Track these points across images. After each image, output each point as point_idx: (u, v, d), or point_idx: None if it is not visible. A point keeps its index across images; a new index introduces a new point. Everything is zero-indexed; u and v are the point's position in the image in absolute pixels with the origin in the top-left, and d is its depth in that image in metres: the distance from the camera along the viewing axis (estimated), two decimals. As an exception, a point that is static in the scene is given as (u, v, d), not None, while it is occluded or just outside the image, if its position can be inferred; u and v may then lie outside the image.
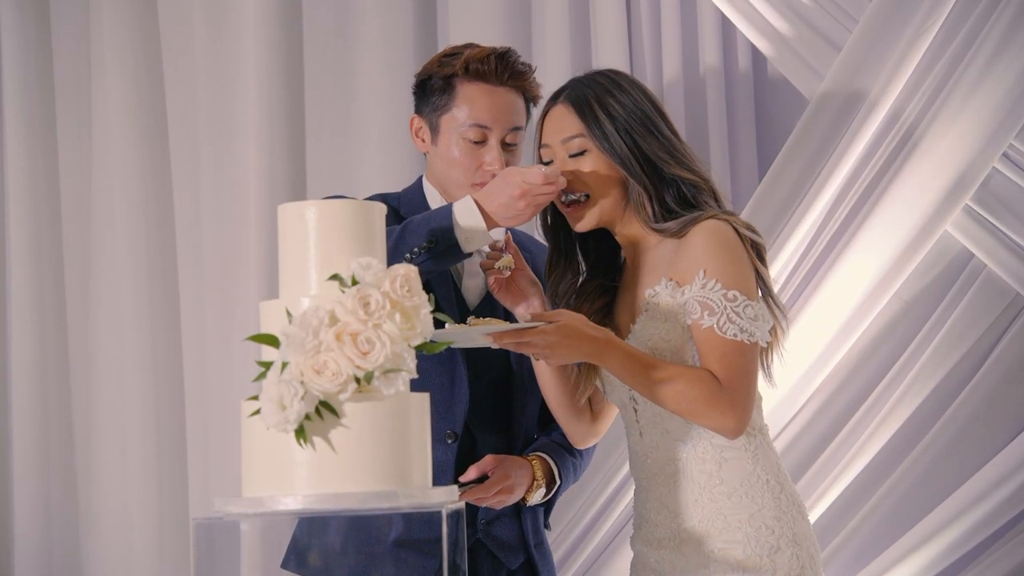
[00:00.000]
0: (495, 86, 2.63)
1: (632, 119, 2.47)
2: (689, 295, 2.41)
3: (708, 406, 2.38)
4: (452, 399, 2.61)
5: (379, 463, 1.87)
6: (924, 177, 3.10)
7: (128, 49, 3.83)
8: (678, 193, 2.48)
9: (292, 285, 1.98)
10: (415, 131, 2.71)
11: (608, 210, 2.51)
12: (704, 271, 2.40)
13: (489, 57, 2.62)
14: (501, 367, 2.68)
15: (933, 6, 3.09)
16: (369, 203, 2.03)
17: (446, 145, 2.64)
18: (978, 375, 3.16)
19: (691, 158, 2.50)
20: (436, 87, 2.64)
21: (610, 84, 2.52)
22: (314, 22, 3.73)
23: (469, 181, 2.63)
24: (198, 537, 1.93)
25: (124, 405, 3.80)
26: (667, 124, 2.51)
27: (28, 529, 3.83)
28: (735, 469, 2.45)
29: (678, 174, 2.47)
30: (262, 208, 3.64)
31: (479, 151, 2.62)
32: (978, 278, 3.17)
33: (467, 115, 2.62)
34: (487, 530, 2.65)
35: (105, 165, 3.84)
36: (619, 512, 3.30)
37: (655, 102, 2.53)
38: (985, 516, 3.10)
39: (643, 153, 2.46)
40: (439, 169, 2.68)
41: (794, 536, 2.44)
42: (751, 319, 2.39)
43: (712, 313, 2.39)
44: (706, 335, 2.39)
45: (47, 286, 3.91)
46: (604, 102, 2.49)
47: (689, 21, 3.43)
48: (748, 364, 2.40)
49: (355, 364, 1.85)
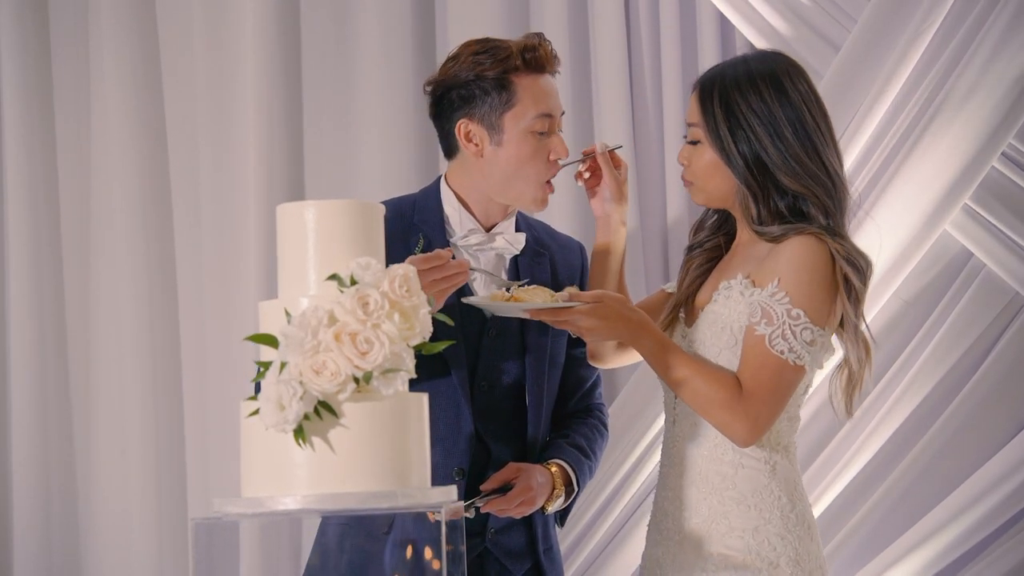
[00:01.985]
0: (544, 73, 2.61)
1: (753, 120, 2.42)
2: (756, 298, 2.40)
3: (722, 409, 2.38)
4: (457, 435, 2.60)
5: (378, 463, 1.87)
6: (923, 176, 3.11)
7: (127, 50, 3.83)
8: (790, 202, 2.43)
9: (291, 285, 1.98)
10: (465, 136, 2.59)
11: (716, 198, 2.52)
12: (779, 280, 2.38)
13: (539, 47, 2.58)
14: (513, 376, 2.65)
15: (932, 6, 3.09)
16: (368, 203, 2.03)
17: (513, 143, 2.58)
18: (977, 374, 3.17)
19: (810, 169, 2.41)
20: (488, 87, 2.56)
21: (745, 77, 2.44)
22: (312, 23, 3.72)
23: (544, 178, 2.60)
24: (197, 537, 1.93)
25: (123, 405, 3.80)
26: (799, 129, 2.41)
27: (28, 529, 3.83)
28: (750, 479, 2.44)
29: (787, 184, 2.42)
30: (261, 208, 3.64)
31: (544, 142, 2.59)
32: (977, 277, 3.18)
33: (533, 107, 2.57)
34: (496, 539, 2.63)
35: (104, 166, 3.84)
36: (621, 508, 3.30)
37: (793, 103, 2.42)
38: (984, 515, 3.11)
39: (756, 157, 2.42)
40: (499, 171, 2.60)
41: (796, 556, 2.42)
42: (806, 343, 2.37)
43: (770, 323, 2.37)
44: (755, 342, 2.38)
45: (46, 287, 3.91)
46: (728, 97, 2.44)
47: (688, 21, 3.43)
48: (781, 383, 2.38)
49: (354, 364, 1.85)
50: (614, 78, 3.40)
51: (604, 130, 3.41)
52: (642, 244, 3.42)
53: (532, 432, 2.65)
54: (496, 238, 2.65)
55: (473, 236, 2.63)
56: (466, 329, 2.56)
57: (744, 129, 2.42)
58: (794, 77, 2.45)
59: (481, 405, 2.62)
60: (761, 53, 2.56)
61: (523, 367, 2.65)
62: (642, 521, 3.27)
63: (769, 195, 2.43)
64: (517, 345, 2.64)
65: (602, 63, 3.41)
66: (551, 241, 2.78)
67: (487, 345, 2.62)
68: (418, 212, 2.65)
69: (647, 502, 3.27)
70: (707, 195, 2.53)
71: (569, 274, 2.75)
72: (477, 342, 2.61)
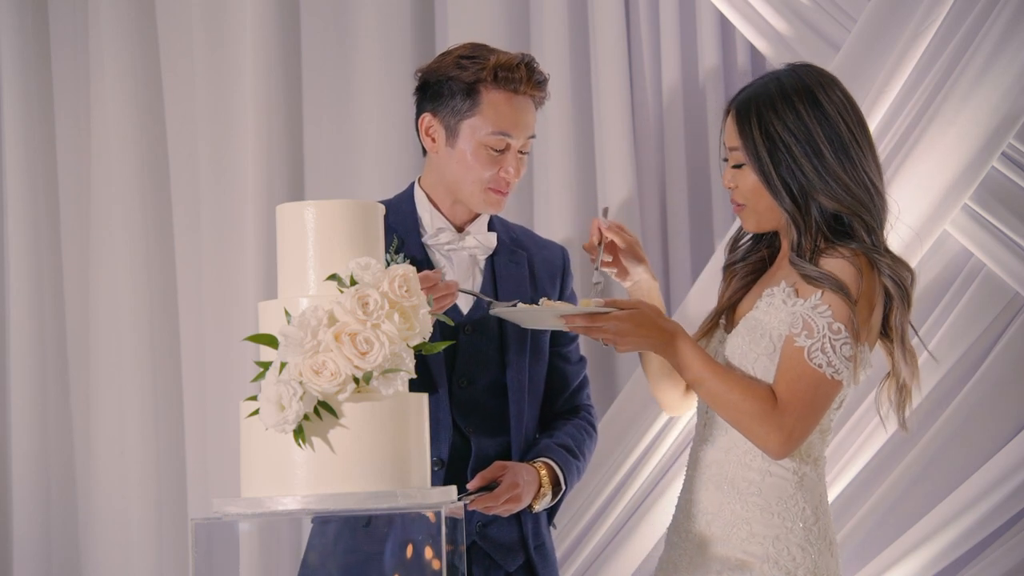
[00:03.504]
0: (518, 95, 2.61)
1: (790, 139, 2.42)
2: (798, 308, 2.40)
3: (756, 422, 2.38)
4: (436, 426, 2.59)
5: (378, 463, 1.87)
6: (923, 176, 3.10)
7: (127, 50, 3.82)
8: (831, 221, 2.43)
9: (291, 285, 1.99)
10: (424, 129, 2.66)
11: (766, 221, 2.51)
12: (822, 293, 2.38)
13: (519, 66, 2.59)
14: (494, 373, 2.67)
15: (932, 6, 3.09)
16: (368, 203, 2.03)
17: (463, 149, 2.61)
18: (977, 374, 3.17)
19: (849, 187, 2.41)
20: (457, 90, 2.60)
21: (779, 95, 2.44)
22: (312, 23, 3.72)
23: (484, 186, 2.62)
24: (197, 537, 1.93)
25: (123, 406, 3.80)
26: (836, 145, 2.41)
27: (27, 530, 3.82)
28: (776, 488, 2.44)
29: (825, 204, 2.41)
30: (260, 208, 3.64)
31: (497, 158, 2.61)
32: (977, 277, 3.17)
33: (492, 123, 2.59)
34: (483, 532, 2.64)
35: (104, 166, 3.83)
36: (620, 510, 3.29)
37: (830, 116, 2.42)
38: (984, 515, 3.10)
39: (794, 177, 2.42)
40: (450, 171, 2.65)
41: (815, 569, 2.42)
42: (845, 358, 2.37)
43: (810, 335, 2.37)
44: (794, 353, 2.38)
45: (46, 287, 3.90)
46: (764, 118, 2.43)
47: (688, 21, 3.43)
48: (817, 397, 2.38)
49: (354, 364, 1.85)
50: (614, 79, 3.39)
51: (604, 130, 3.40)
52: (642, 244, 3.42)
53: (515, 428, 2.67)
54: (467, 237, 2.67)
55: (443, 235, 2.66)
56: (443, 328, 2.55)
57: (782, 151, 2.42)
58: (827, 88, 2.46)
59: (461, 401, 2.63)
60: (791, 68, 2.54)
61: (503, 364, 2.66)
62: (643, 521, 3.27)
63: (811, 218, 2.43)
64: (495, 342, 2.66)
65: (602, 63, 3.40)
66: (530, 242, 2.80)
67: (464, 342, 2.63)
68: (392, 214, 2.66)
69: (648, 502, 3.27)
70: (758, 217, 2.51)
71: (549, 272, 2.77)
72: (454, 339, 2.60)
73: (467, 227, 2.69)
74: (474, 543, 2.64)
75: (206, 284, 3.73)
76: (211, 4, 3.74)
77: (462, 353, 2.63)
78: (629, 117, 3.41)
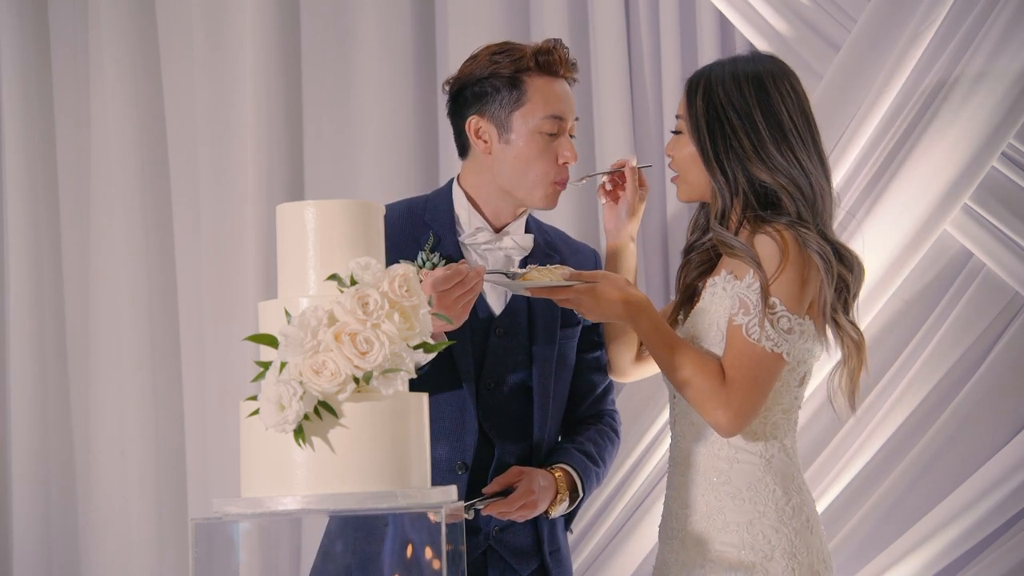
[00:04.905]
0: (558, 77, 2.64)
1: (729, 110, 2.47)
2: (736, 290, 2.43)
3: (706, 398, 2.41)
4: (461, 430, 2.61)
5: (378, 463, 1.87)
6: (923, 176, 3.10)
7: (127, 50, 3.83)
8: (761, 194, 2.46)
9: (291, 285, 1.99)
10: (474, 132, 2.64)
11: (696, 191, 2.56)
12: (754, 272, 2.41)
13: (555, 48, 2.62)
14: (521, 376, 2.66)
15: (932, 6, 3.09)
16: (368, 203, 2.03)
17: (520, 142, 2.61)
18: (977, 374, 3.17)
19: (782, 164, 2.44)
20: (500, 85, 2.60)
21: (730, 75, 2.50)
22: (312, 23, 3.72)
23: (551, 179, 2.63)
24: (197, 538, 1.93)
25: (123, 406, 3.80)
26: (774, 127, 2.45)
27: (27, 530, 3.82)
28: (744, 473, 2.46)
29: (756, 174, 2.45)
30: (260, 208, 3.64)
31: (551, 144, 2.62)
32: (977, 277, 3.17)
33: (542, 108, 2.60)
34: (499, 537, 2.64)
35: (104, 166, 3.83)
36: (622, 508, 3.30)
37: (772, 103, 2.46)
38: (984, 515, 3.10)
39: (730, 148, 2.46)
40: (507, 168, 2.63)
41: (792, 548, 2.43)
42: (783, 331, 2.39)
43: (747, 312, 2.40)
44: (734, 332, 2.42)
45: (46, 287, 3.90)
46: (710, 88, 2.50)
47: (688, 21, 3.43)
48: (760, 371, 2.40)
49: (354, 364, 1.85)
50: (614, 79, 3.40)
51: (604, 130, 3.41)
52: (642, 245, 3.42)
53: (538, 433, 2.66)
54: (504, 238, 2.67)
55: (481, 235, 2.66)
56: (474, 328, 2.57)
57: (722, 121, 2.47)
58: (778, 80, 2.50)
59: (487, 403, 2.63)
60: (753, 54, 2.61)
61: (530, 367, 2.66)
62: (643, 520, 3.28)
63: (739, 188, 2.46)
64: (525, 345, 2.66)
65: (602, 64, 3.40)
66: (564, 246, 2.80)
67: (494, 344, 2.63)
68: (429, 211, 2.68)
69: (648, 502, 3.28)
70: (688, 187, 2.57)
71: None
72: (484, 341, 2.63)
73: (505, 228, 2.68)
74: (490, 547, 2.63)
75: (206, 284, 3.73)
76: (211, 4, 3.74)
77: (491, 355, 2.63)
78: (629, 117, 3.41)
